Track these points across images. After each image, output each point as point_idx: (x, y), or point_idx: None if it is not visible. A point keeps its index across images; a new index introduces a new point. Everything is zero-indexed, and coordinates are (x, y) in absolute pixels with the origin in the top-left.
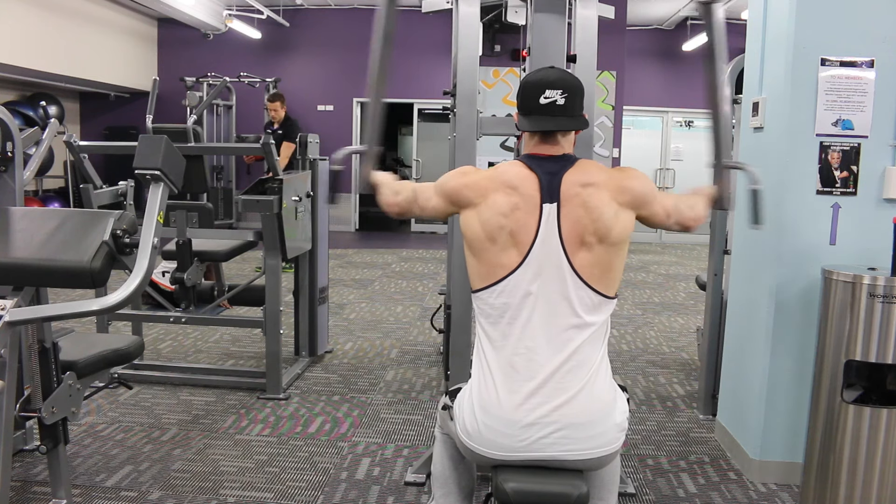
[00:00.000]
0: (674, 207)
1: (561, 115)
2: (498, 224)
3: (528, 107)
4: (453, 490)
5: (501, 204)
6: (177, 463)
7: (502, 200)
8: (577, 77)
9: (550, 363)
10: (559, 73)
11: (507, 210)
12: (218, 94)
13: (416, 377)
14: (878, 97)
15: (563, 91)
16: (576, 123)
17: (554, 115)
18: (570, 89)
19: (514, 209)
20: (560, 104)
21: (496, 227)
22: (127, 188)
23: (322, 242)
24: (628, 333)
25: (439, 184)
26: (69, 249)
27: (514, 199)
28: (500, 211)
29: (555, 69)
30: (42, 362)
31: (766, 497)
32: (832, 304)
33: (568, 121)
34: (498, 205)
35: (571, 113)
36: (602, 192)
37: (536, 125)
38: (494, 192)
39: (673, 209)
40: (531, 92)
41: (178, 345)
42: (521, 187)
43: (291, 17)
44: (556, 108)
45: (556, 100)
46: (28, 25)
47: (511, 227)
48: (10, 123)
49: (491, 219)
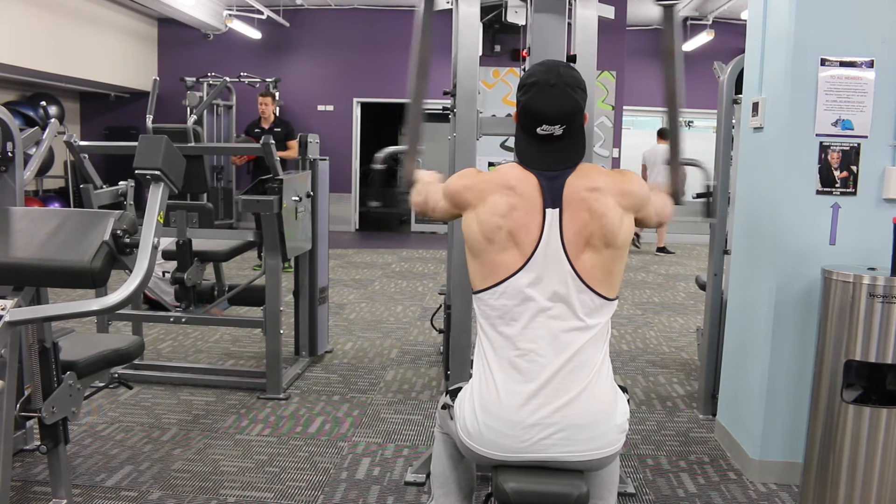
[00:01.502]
0: (661, 207)
1: (558, 143)
2: (495, 224)
3: (526, 126)
4: (453, 490)
5: (499, 205)
6: (177, 463)
7: (500, 201)
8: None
9: (552, 364)
10: (556, 102)
11: (505, 210)
12: (218, 94)
13: (416, 377)
14: (878, 97)
15: (561, 124)
16: (575, 152)
17: (550, 143)
18: (567, 119)
19: (511, 209)
20: (557, 135)
21: (493, 228)
22: (127, 188)
23: (322, 242)
24: (628, 333)
25: (444, 187)
26: (69, 249)
27: (511, 200)
28: (498, 212)
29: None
30: (42, 362)
31: (766, 497)
32: (832, 304)
33: (567, 154)
34: (495, 206)
35: (570, 136)
36: (607, 198)
37: (531, 160)
38: (492, 193)
39: (660, 208)
40: (529, 117)
41: (178, 345)
42: (520, 188)
43: (291, 17)
44: (552, 139)
45: (552, 132)
46: (28, 25)
47: (509, 227)
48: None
49: (488, 220)
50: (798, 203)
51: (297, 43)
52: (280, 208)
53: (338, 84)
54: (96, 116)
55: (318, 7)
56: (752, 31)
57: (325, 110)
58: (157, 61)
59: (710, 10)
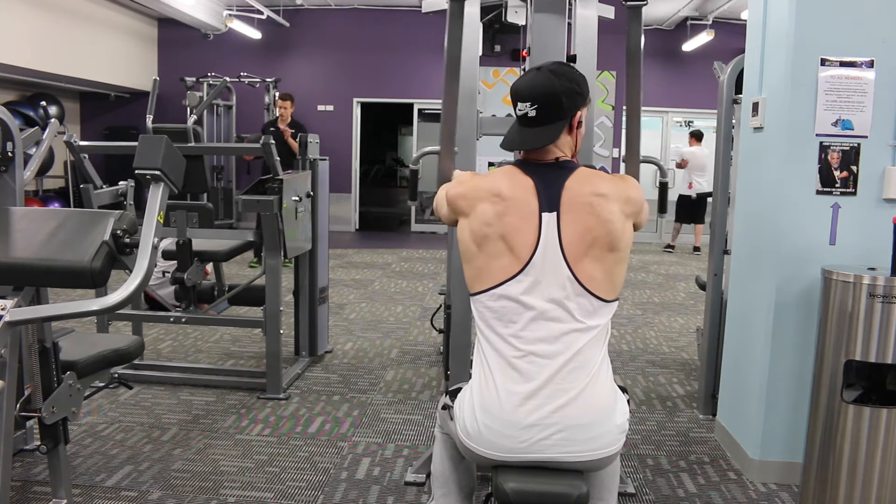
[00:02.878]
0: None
1: (533, 127)
2: (483, 233)
3: (514, 109)
4: (453, 490)
5: (486, 213)
6: (177, 463)
7: (487, 210)
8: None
9: (551, 365)
10: (531, 81)
11: (492, 219)
12: (218, 94)
13: (416, 377)
14: (878, 97)
15: (532, 103)
16: (545, 136)
17: (526, 126)
18: (540, 98)
19: (499, 217)
20: (531, 116)
21: (482, 237)
22: (127, 188)
23: (322, 242)
24: (628, 333)
25: (445, 193)
26: (69, 249)
27: (498, 208)
28: (485, 220)
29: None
30: (42, 362)
31: (766, 497)
32: (832, 304)
33: (536, 135)
34: (483, 214)
35: (545, 122)
36: (612, 204)
37: (506, 141)
38: (481, 201)
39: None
40: (512, 98)
41: (178, 345)
42: (510, 193)
43: (291, 17)
44: (527, 121)
45: (527, 112)
46: (28, 25)
47: (500, 233)
48: (11, 123)
49: (478, 229)
50: (798, 203)
51: (297, 43)
52: (280, 208)
53: (338, 84)
54: (96, 116)
55: (318, 7)
56: (752, 31)
57: (325, 110)
58: (157, 61)
59: (710, 10)
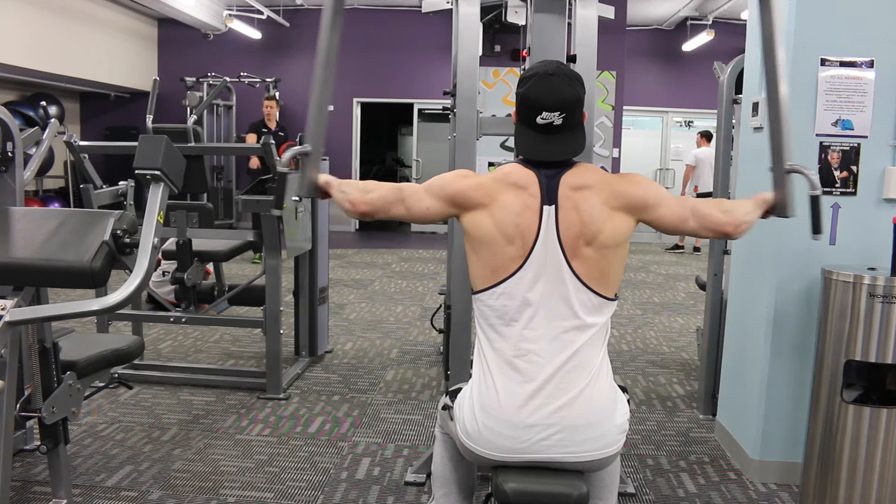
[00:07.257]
0: (694, 211)
1: (556, 134)
2: (514, 223)
3: (525, 117)
4: (453, 490)
5: (514, 203)
6: (177, 463)
7: (514, 200)
8: (575, 78)
9: (551, 364)
10: (555, 90)
11: (520, 209)
12: (218, 94)
13: (416, 377)
14: (878, 97)
15: (560, 112)
16: (576, 145)
17: (549, 133)
18: (567, 107)
19: (525, 208)
20: (557, 124)
21: (512, 226)
22: (127, 188)
23: (322, 242)
24: (628, 333)
25: (435, 186)
26: (69, 249)
27: (524, 199)
28: (514, 210)
29: (553, 79)
30: (42, 362)
31: (766, 497)
32: (832, 305)
33: (566, 144)
34: (510, 204)
35: (568, 129)
36: (593, 196)
37: (531, 151)
38: (503, 192)
39: (693, 213)
40: (529, 107)
41: (178, 345)
42: (528, 187)
43: (291, 17)
44: (552, 129)
45: (552, 121)
46: (28, 25)
47: (516, 222)
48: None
49: (505, 218)
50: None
51: (297, 43)
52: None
53: (338, 84)
54: (96, 116)
55: (318, 7)
56: (752, 31)
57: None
58: (157, 61)
59: (710, 10)
